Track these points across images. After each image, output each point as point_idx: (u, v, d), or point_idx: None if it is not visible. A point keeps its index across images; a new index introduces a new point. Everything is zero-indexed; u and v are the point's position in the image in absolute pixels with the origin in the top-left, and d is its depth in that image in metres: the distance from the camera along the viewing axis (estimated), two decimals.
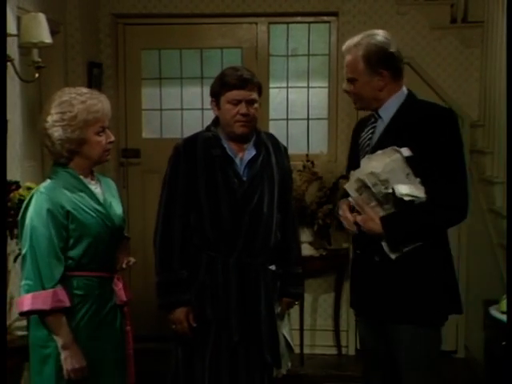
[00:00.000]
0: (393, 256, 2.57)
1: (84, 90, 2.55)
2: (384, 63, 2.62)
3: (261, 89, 2.87)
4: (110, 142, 2.56)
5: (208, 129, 2.91)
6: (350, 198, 2.63)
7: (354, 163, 2.70)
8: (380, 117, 2.68)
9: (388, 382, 2.74)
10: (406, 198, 2.48)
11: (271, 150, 2.91)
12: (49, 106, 2.50)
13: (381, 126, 2.67)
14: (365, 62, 2.61)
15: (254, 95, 2.81)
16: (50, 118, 2.47)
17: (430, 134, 2.55)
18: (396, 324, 2.60)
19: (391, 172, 2.50)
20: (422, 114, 2.61)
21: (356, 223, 2.61)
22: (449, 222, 2.62)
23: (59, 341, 2.44)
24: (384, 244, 2.56)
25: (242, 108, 2.77)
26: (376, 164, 2.52)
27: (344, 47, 2.71)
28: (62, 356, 2.44)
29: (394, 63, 2.65)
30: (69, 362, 2.44)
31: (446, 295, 2.63)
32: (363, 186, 2.56)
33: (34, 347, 2.53)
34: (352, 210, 2.64)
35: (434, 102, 2.81)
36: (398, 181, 2.50)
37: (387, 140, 2.60)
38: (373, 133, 2.69)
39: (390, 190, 2.50)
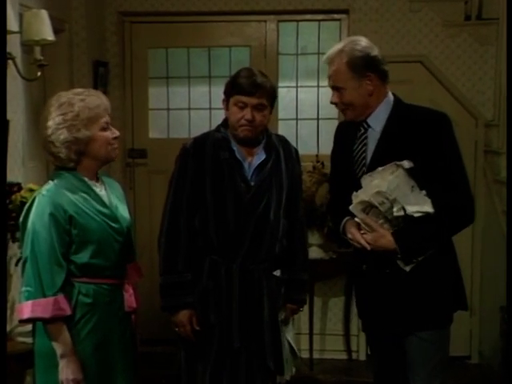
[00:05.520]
0: (407, 269, 2.56)
1: (79, 89, 2.51)
2: (370, 66, 2.59)
3: (273, 95, 2.80)
4: (116, 138, 2.51)
5: (218, 129, 2.86)
6: (356, 219, 2.58)
7: (347, 174, 2.65)
8: (370, 126, 2.64)
9: None
10: (417, 215, 2.49)
11: (282, 154, 2.85)
12: (47, 111, 2.43)
13: (373, 137, 2.63)
14: (351, 68, 2.58)
15: (264, 101, 2.73)
16: (51, 123, 2.40)
17: (428, 140, 2.52)
18: (413, 332, 2.61)
19: (397, 189, 2.48)
20: (417, 121, 2.58)
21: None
22: (458, 227, 2.63)
23: (58, 349, 2.39)
24: (398, 260, 2.55)
25: (248, 114, 2.72)
26: (379, 182, 2.50)
27: (325, 58, 2.68)
28: (60, 365, 2.39)
29: (379, 66, 2.62)
30: (64, 372, 2.39)
31: (456, 295, 2.68)
32: (369, 206, 2.53)
33: (39, 355, 2.47)
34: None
35: (423, 105, 2.76)
36: (405, 195, 2.48)
37: (384, 152, 2.56)
38: (365, 144, 2.63)
39: (402, 213, 2.48)
